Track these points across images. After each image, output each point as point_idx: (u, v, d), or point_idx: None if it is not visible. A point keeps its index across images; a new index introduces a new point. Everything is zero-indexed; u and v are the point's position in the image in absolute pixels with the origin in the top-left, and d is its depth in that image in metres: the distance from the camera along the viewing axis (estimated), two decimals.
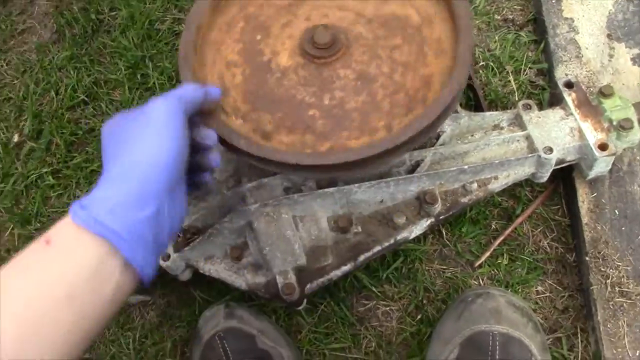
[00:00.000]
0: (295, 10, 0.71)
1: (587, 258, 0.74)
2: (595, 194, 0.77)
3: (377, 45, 0.66)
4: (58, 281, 0.44)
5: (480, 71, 0.92)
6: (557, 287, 0.79)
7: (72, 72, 1.07)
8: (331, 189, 0.71)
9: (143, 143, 0.50)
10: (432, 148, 0.74)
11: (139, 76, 1.05)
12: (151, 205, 0.48)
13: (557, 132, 0.74)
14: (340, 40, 0.65)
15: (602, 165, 0.73)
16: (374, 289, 0.81)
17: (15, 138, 1.03)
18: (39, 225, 0.95)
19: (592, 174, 0.75)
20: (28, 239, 0.94)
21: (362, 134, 0.62)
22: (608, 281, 0.72)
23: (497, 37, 0.95)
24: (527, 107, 0.76)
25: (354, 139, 0.62)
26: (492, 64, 0.92)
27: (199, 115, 0.59)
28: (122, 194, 0.48)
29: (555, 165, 0.74)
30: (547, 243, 0.81)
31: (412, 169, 0.74)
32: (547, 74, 0.89)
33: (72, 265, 0.45)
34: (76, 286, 0.44)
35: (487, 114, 0.77)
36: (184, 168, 0.53)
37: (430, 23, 0.67)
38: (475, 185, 0.74)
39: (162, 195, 0.49)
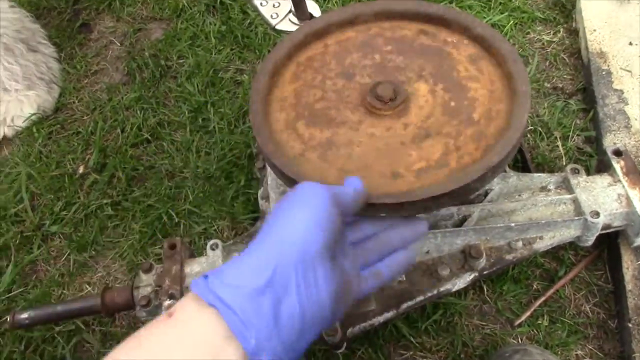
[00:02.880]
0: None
1: (629, 325, 0.74)
2: None
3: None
4: (174, 356, 0.41)
5: (529, 135, 0.95)
6: (598, 352, 0.78)
7: (138, 112, 1.14)
8: None
9: (283, 216, 0.48)
10: (480, 204, 0.76)
11: (200, 120, 1.11)
12: (266, 276, 0.43)
13: (604, 198, 0.75)
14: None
15: None
16: (412, 339, 0.82)
17: (81, 170, 1.09)
18: (93, 252, 1.00)
19: (638, 241, 0.76)
20: (82, 265, 0.99)
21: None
22: None
23: (546, 104, 0.99)
24: (575, 172, 0.78)
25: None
26: (540, 129, 0.95)
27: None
28: (243, 266, 0.45)
29: (601, 230, 0.76)
30: (589, 307, 0.82)
31: (459, 223, 0.76)
32: (595, 141, 0.92)
33: (189, 339, 0.42)
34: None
35: (535, 175, 0.79)
36: (327, 251, 0.47)
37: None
38: (520, 244, 0.76)
39: (285, 271, 0.44)
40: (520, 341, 0.80)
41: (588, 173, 0.85)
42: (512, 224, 0.74)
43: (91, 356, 0.90)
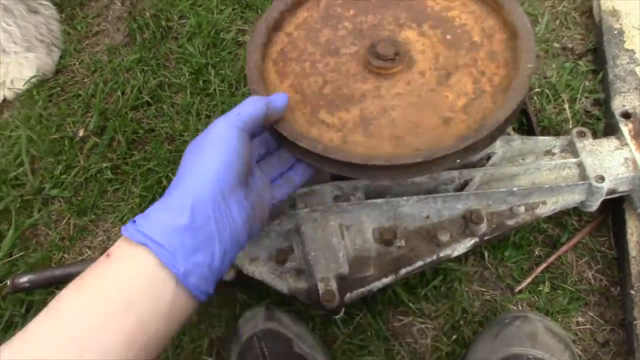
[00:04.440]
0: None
1: (632, 292, 0.73)
2: None
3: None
4: (115, 288, 0.47)
5: (535, 98, 0.92)
6: (599, 319, 0.77)
7: (139, 74, 1.12)
8: (379, 200, 0.72)
9: (195, 160, 0.53)
10: (482, 168, 0.74)
11: (201, 82, 1.09)
12: (187, 213, 0.49)
13: (610, 162, 0.73)
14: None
15: None
16: (411, 305, 0.81)
17: (81, 133, 1.08)
18: (93, 217, 1.00)
19: None
20: (82, 229, 0.99)
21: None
22: None
23: (554, 65, 0.95)
24: (582, 135, 0.75)
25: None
26: (547, 91, 0.92)
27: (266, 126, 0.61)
28: (165, 206, 0.51)
29: (606, 195, 0.74)
30: (592, 274, 0.80)
31: (461, 188, 0.75)
32: (604, 104, 0.89)
33: (127, 274, 0.48)
34: (132, 293, 0.47)
35: (540, 138, 0.77)
36: (239, 183, 0.54)
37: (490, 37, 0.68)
38: (522, 209, 0.74)
39: (204, 206, 0.50)
40: (520, 308, 0.79)
41: (595, 136, 0.83)
42: (515, 189, 0.72)
43: None
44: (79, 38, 1.24)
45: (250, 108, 0.57)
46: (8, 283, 0.81)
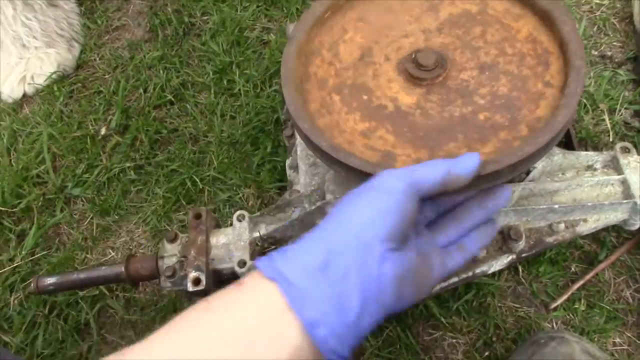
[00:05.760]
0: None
1: None
2: None
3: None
4: (239, 320, 0.43)
5: None
6: (637, 340, 0.75)
7: (161, 72, 1.10)
8: None
9: (347, 206, 0.48)
10: (522, 183, 0.72)
11: (225, 81, 1.07)
12: (322, 256, 0.45)
13: None
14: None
15: None
16: (442, 319, 0.80)
17: (103, 131, 1.07)
18: (116, 217, 0.98)
19: None
20: (105, 229, 0.97)
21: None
22: None
23: (592, 74, 0.93)
24: (626, 151, 0.73)
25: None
26: (585, 101, 0.90)
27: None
28: (304, 245, 0.47)
29: None
30: (630, 293, 0.78)
31: None
32: None
33: (252, 307, 0.44)
34: (254, 330, 0.43)
35: (582, 153, 0.74)
36: (392, 239, 0.47)
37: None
38: (562, 226, 0.72)
39: (343, 252, 0.45)
40: (555, 326, 0.77)
41: (636, 150, 0.80)
42: (556, 206, 0.70)
43: (115, 322, 0.89)
44: (99, 33, 1.22)
45: (427, 170, 0.50)
46: (32, 284, 0.79)
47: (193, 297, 0.82)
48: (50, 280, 0.79)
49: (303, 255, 0.46)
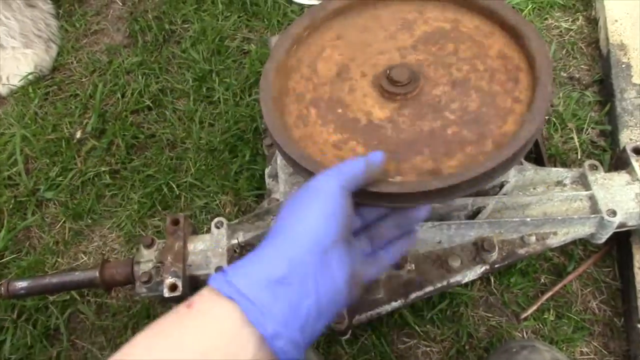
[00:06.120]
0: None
1: (638, 325, 0.74)
2: None
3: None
4: (192, 342, 0.42)
5: (543, 126, 0.93)
6: (603, 350, 0.78)
7: (140, 77, 1.10)
8: None
9: (293, 213, 0.49)
10: (496, 196, 0.75)
11: (204, 89, 1.07)
12: (282, 266, 0.45)
13: (621, 196, 0.74)
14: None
15: None
16: (417, 327, 0.81)
17: (78, 134, 1.06)
18: (89, 221, 0.97)
19: None
20: (77, 233, 0.96)
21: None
22: None
23: (561, 94, 0.96)
24: (594, 168, 0.76)
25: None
26: (554, 119, 0.93)
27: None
28: (258, 259, 0.47)
29: (615, 228, 0.74)
30: (596, 304, 0.81)
31: (473, 215, 0.75)
32: (610, 136, 0.90)
33: (207, 329, 0.43)
34: (209, 350, 0.42)
35: (553, 169, 0.77)
36: (341, 239, 0.49)
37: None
38: (533, 238, 0.75)
39: (301, 259, 0.46)
40: (525, 335, 0.80)
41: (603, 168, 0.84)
42: (528, 219, 0.73)
43: (86, 327, 0.88)
44: (77, 36, 1.21)
45: (349, 166, 0.53)
46: (2, 288, 0.78)
47: (168, 303, 0.82)
48: (22, 284, 0.78)
49: (261, 270, 0.45)
